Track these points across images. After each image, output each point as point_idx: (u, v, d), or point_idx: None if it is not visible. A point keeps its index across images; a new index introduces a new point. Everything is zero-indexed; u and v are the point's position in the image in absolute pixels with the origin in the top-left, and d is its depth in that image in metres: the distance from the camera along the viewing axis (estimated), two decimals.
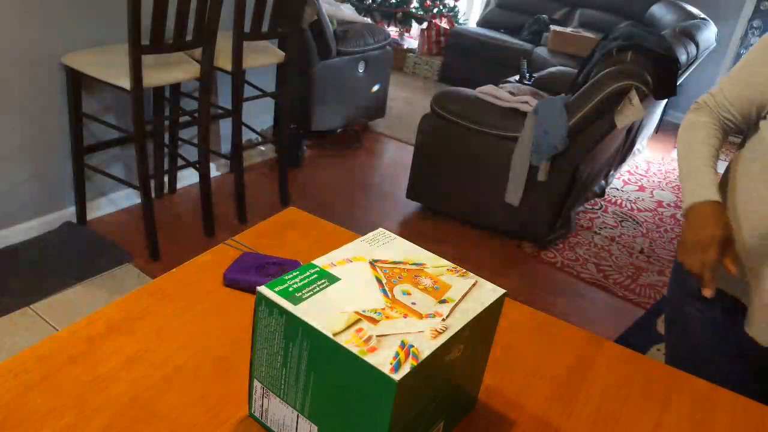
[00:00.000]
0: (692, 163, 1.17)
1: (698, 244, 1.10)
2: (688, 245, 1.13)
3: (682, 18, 4.19)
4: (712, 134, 1.20)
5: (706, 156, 1.17)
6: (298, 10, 2.63)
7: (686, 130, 1.23)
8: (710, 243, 1.08)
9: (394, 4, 6.12)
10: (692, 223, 1.13)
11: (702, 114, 1.23)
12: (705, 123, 1.21)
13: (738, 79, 1.18)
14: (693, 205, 1.14)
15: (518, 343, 0.87)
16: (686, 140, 1.22)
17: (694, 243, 1.11)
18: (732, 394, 0.83)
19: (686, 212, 1.16)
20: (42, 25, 2.23)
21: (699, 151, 1.18)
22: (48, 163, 2.45)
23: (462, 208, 3.13)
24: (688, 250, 1.13)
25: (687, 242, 1.13)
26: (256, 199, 3.09)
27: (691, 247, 1.12)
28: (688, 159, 1.19)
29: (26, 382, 0.67)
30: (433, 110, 2.99)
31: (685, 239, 1.14)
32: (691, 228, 1.13)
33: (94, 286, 2.27)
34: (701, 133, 1.20)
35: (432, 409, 0.62)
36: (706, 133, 1.20)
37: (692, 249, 1.11)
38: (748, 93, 1.16)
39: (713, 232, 1.08)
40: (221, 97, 3.06)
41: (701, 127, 1.21)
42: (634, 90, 2.63)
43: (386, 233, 0.75)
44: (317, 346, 0.57)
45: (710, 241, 1.08)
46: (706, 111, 1.23)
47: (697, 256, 1.10)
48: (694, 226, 1.12)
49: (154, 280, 0.88)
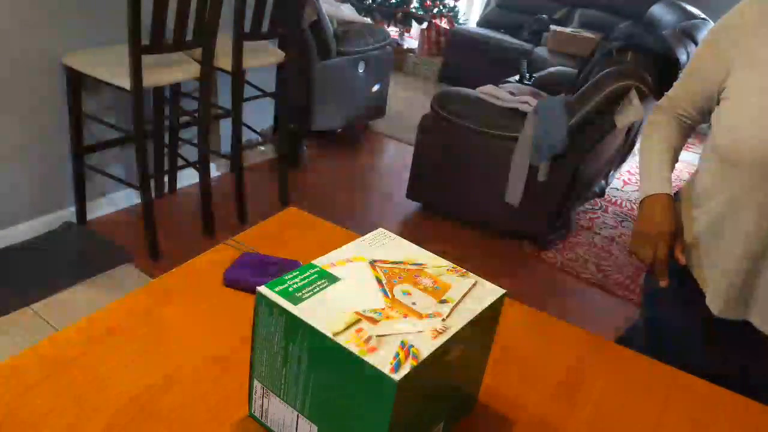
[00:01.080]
0: (647, 162, 1.25)
1: (647, 237, 1.18)
2: (639, 237, 1.21)
3: (682, 18, 4.19)
4: (667, 132, 1.26)
5: (660, 153, 1.24)
6: (298, 10, 2.63)
7: (645, 131, 1.31)
8: (659, 238, 1.16)
9: (394, 4, 6.12)
10: (642, 215, 1.21)
11: (659, 113, 1.29)
12: (660, 121, 1.28)
13: (686, 74, 1.24)
14: (644, 199, 1.21)
15: (518, 343, 0.87)
16: (644, 141, 1.29)
17: (643, 235, 1.19)
18: (732, 394, 0.83)
19: (639, 205, 1.24)
20: (42, 25, 2.23)
21: (654, 150, 1.25)
22: (48, 163, 2.45)
23: (462, 208, 3.13)
24: (639, 242, 1.21)
25: (637, 234, 1.21)
26: (256, 199, 3.09)
27: (641, 239, 1.20)
28: (644, 158, 1.26)
29: (26, 382, 0.67)
30: (433, 110, 2.99)
31: (636, 231, 1.22)
32: (641, 220, 1.21)
33: (94, 286, 2.27)
34: (657, 133, 1.27)
35: (432, 409, 0.62)
36: (662, 131, 1.27)
37: (642, 241, 1.19)
38: (696, 86, 1.21)
39: (661, 228, 1.16)
40: (221, 97, 3.06)
41: (657, 126, 1.28)
42: (634, 90, 2.63)
43: (386, 233, 0.75)
44: (317, 346, 0.57)
45: (659, 236, 1.16)
46: (663, 110, 1.29)
47: (647, 248, 1.18)
48: (644, 219, 1.20)
49: (154, 280, 0.88)
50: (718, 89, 1.14)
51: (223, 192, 3.09)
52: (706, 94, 1.18)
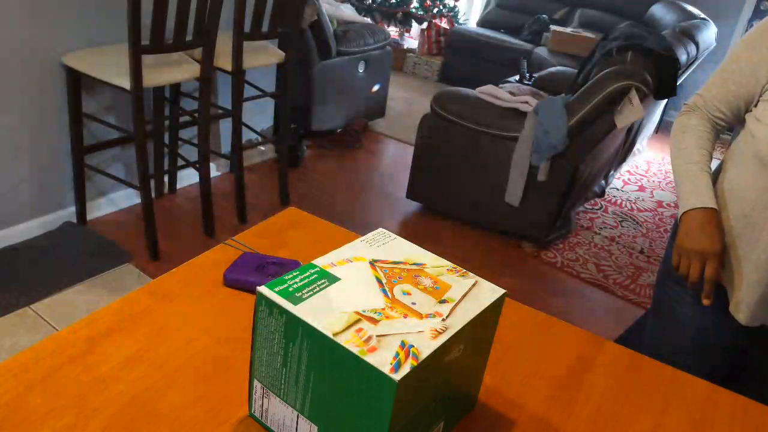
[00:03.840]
0: (687, 168, 1.20)
1: (697, 255, 1.13)
2: (687, 253, 1.15)
3: (682, 18, 4.19)
4: (705, 137, 1.22)
5: (701, 160, 1.19)
6: (298, 10, 2.63)
7: (679, 133, 1.26)
8: (711, 257, 1.12)
9: (394, 4, 6.12)
10: (689, 230, 1.15)
11: (693, 116, 1.25)
12: (696, 126, 1.23)
13: (723, 75, 1.20)
14: (689, 212, 1.16)
15: (518, 343, 0.87)
16: (679, 143, 1.24)
17: (692, 252, 1.14)
18: (732, 394, 0.83)
19: (682, 218, 1.18)
20: (42, 25, 2.23)
21: (693, 155, 1.20)
22: (48, 163, 2.45)
23: (462, 208, 3.13)
24: (686, 258, 1.15)
25: (685, 250, 1.16)
26: (256, 199, 3.09)
27: (689, 255, 1.15)
28: (683, 162, 1.21)
29: (26, 382, 0.67)
30: (433, 110, 2.99)
31: (682, 245, 1.16)
32: (688, 236, 1.15)
33: (94, 286, 2.27)
34: (694, 136, 1.22)
35: (432, 409, 0.62)
36: (699, 135, 1.22)
37: (691, 258, 1.15)
38: (734, 89, 1.17)
39: (714, 247, 1.12)
40: (221, 97, 3.06)
41: (693, 130, 1.23)
42: (634, 90, 2.63)
43: (386, 233, 0.75)
44: (317, 346, 0.57)
45: (711, 256, 1.12)
46: (697, 113, 1.25)
47: (695, 266, 1.14)
48: (692, 235, 1.14)
49: (154, 280, 0.88)
50: (760, 91, 1.12)
51: (223, 192, 3.08)
52: (745, 97, 1.15)
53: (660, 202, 3.84)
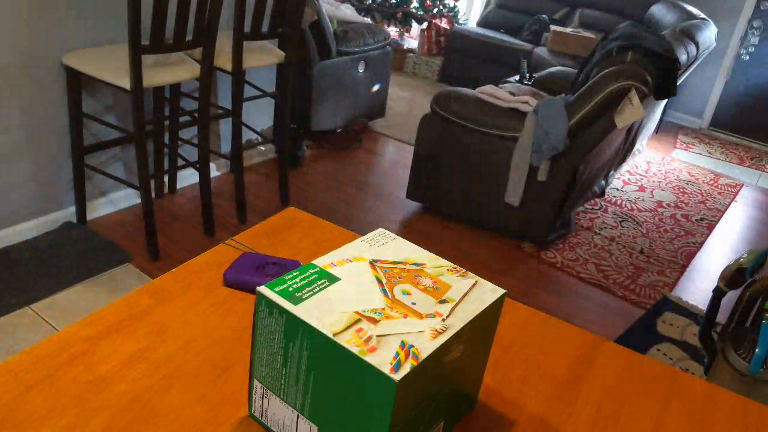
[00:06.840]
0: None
1: None
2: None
3: (682, 18, 4.19)
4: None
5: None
6: (298, 10, 2.63)
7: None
8: None
9: (394, 4, 6.12)
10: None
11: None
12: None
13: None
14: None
15: (518, 343, 0.87)
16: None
17: None
18: (732, 394, 0.83)
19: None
20: (42, 25, 2.23)
21: None
22: (48, 163, 2.45)
23: (462, 208, 3.13)
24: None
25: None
26: (256, 199, 3.09)
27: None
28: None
29: (26, 382, 0.67)
30: (433, 110, 2.99)
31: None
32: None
33: (94, 286, 2.27)
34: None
35: (432, 409, 0.62)
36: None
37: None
38: None
39: None
40: (221, 97, 3.06)
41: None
42: (634, 90, 2.63)
43: (386, 233, 0.75)
44: (317, 346, 0.57)
45: None
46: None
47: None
48: None
49: (154, 280, 0.88)
50: None
51: (223, 192, 3.09)
52: None
53: (660, 202, 3.84)
